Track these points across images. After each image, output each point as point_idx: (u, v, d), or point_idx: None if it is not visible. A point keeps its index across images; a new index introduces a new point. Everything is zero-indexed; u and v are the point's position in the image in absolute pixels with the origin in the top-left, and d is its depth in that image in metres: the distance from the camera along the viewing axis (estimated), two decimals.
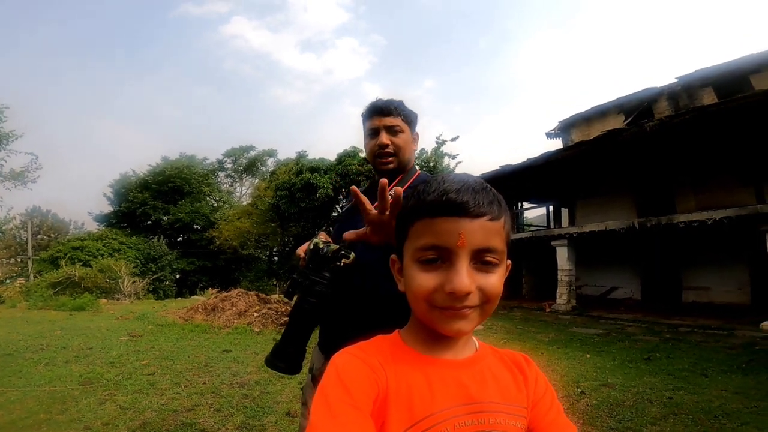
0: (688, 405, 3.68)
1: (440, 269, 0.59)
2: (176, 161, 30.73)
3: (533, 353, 6.03)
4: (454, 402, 0.60)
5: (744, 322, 8.07)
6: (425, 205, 0.61)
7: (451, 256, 0.59)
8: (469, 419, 0.59)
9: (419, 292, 0.60)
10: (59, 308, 10.90)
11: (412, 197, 0.64)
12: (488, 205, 0.60)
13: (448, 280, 0.58)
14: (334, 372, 0.58)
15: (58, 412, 3.52)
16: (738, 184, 9.78)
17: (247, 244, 25.31)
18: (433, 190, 0.61)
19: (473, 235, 0.58)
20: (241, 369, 5.03)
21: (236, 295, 9.37)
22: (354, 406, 0.54)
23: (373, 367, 0.59)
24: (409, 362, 0.63)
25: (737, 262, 10.30)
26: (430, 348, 0.65)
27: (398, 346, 0.66)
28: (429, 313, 0.61)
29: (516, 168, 12.57)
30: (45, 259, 20.55)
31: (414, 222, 0.62)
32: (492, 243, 0.59)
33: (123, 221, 28.25)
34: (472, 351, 0.68)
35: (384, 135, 1.38)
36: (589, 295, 13.28)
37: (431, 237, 0.59)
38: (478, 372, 0.65)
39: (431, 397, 0.59)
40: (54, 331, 7.44)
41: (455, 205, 0.58)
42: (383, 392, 0.58)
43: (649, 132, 9.14)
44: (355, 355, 0.62)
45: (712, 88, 12.27)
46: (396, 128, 1.39)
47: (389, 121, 1.38)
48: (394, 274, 0.71)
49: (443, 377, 0.62)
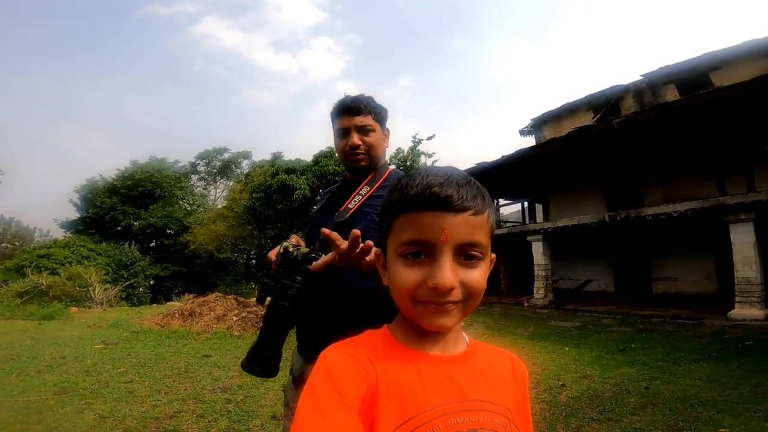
0: (665, 394, 3.81)
1: (424, 264, 0.59)
2: (146, 165, 29.85)
3: (514, 348, 6.14)
4: (446, 399, 0.59)
5: (712, 311, 8.41)
6: (408, 199, 0.60)
7: (435, 250, 0.58)
8: (461, 417, 0.58)
9: (403, 287, 0.60)
10: (27, 317, 10.42)
11: (395, 191, 0.64)
12: (472, 199, 0.60)
13: (431, 275, 0.58)
14: (322, 368, 0.57)
15: (34, 422, 3.40)
16: (701, 178, 10.21)
17: (223, 248, 24.86)
18: (417, 183, 0.60)
19: (457, 230, 0.58)
20: (223, 374, 4.94)
21: (214, 299, 9.18)
22: (342, 404, 0.53)
23: (362, 363, 0.58)
24: (399, 357, 0.62)
25: (703, 252, 10.72)
26: (420, 343, 0.64)
27: (388, 341, 0.65)
28: (412, 308, 0.61)
29: (491, 165, 12.76)
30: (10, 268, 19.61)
31: (397, 216, 0.62)
32: (476, 237, 0.59)
33: (91, 227, 27.27)
34: (463, 347, 0.68)
35: (355, 135, 1.36)
36: (565, 288, 13.59)
37: (414, 231, 0.59)
38: (469, 369, 0.64)
39: (423, 394, 0.58)
40: (24, 340, 7.12)
41: (439, 200, 0.58)
42: (373, 388, 0.57)
43: (617, 128, 9.43)
44: (344, 350, 0.61)
45: (674, 84, 12.69)
46: (367, 127, 1.37)
47: (360, 120, 1.36)
48: (378, 268, 0.71)
49: (434, 373, 0.61)
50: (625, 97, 14.06)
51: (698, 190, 9.88)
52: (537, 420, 3.37)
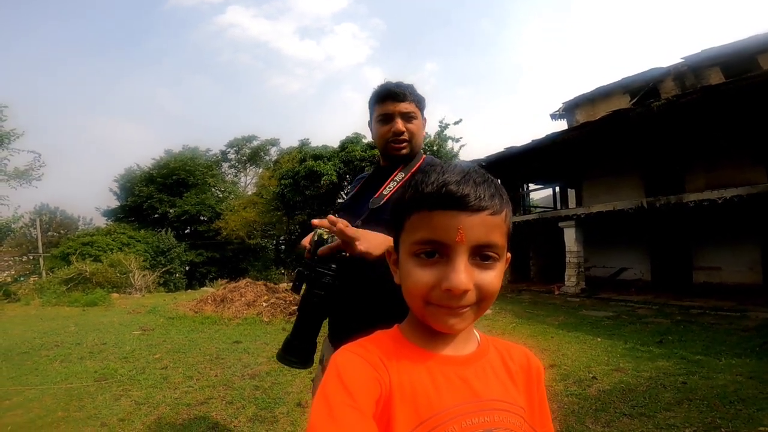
0: (703, 390, 3.64)
1: (437, 265, 0.57)
2: (179, 154, 30.73)
3: (543, 337, 6.03)
4: (459, 400, 0.58)
5: (757, 303, 7.98)
6: (423, 197, 0.58)
7: (449, 251, 0.56)
8: (476, 417, 0.57)
9: (415, 288, 0.58)
10: (72, 304, 11.02)
11: (410, 187, 0.61)
12: (489, 198, 0.57)
13: (445, 277, 0.56)
14: (334, 372, 0.56)
15: (75, 409, 3.56)
16: (748, 163, 9.61)
17: (253, 234, 25.39)
18: (432, 181, 0.58)
19: (473, 231, 0.56)
20: (252, 360, 5.06)
21: (244, 285, 9.42)
22: (355, 408, 0.52)
23: (375, 365, 0.58)
24: (411, 358, 0.61)
25: (748, 241, 10.15)
26: (431, 343, 0.63)
27: (399, 342, 0.64)
28: (424, 309, 0.59)
29: (521, 150, 12.44)
30: (56, 255, 20.70)
31: (411, 214, 0.59)
32: (492, 238, 0.57)
33: (130, 215, 28.40)
34: (474, 345, 0.67)
35: (400, 122, 1.34)
36: (598, 276, 13.20)
37: (428, 231, 0.57)
38: (480, 369, 0.63)
39: (436, 395, 0.57)
40: (68, 327, 7.53)
41: (455, 199, 0.56)
42: (386, 391, 0.56)
43: (656, 112, 8.98)
44: (356, 352, 0.60)
45: (719, 68, 12.03)
46: (411, 114, 1.35)
47: (404, 107, 1.33)
48: (390, 266, 0.69)
49: (446, 374, 0.60)
50: (665, 81, 13.37)
51: (745, 175, 9.31)
52: (565, 413, 3.29)
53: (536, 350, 0.67)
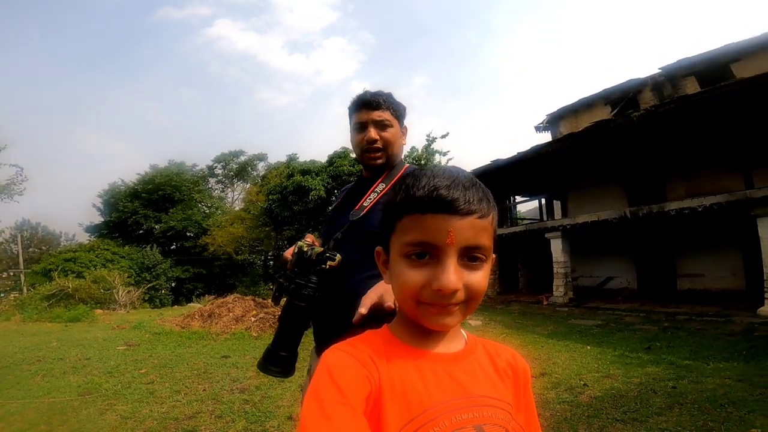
0: (693, 394, 3.68)
1: (428, 265, 0.59)
2: (165, 169, 30.42)
3: (533, 347, 6.04)
4: (449, 396, 0.59)
5: (741, 308, 8.14)
6: (414, 200, 0.60)
7: (439, 253, 0.58)
8: (465, 413, 0.58)
9: (406, 288, 0.60)
10: (54, 320, 10.73)
11: (401, 190, 0.63)
12: (478, 202, 0.60)
13: (435, 277, 0.58)
14: (325, 370, 0.57)
15: (59, 423, 3.47)
16: (726, 171, 9.85)
17: (241, 250, 25.16)
18: (423, 185, 0.60)
19: (462, 233, 0.58)
20: (241, 374, 4.97)
21: (232, 300, 9.28)
22: (347, 405, 0.53)
23: (364, 363, 0.59)
24: (400, 356, 0.62)
25: (730, 247, 10.38)
26: (420, 341, 0.64)
27: (389, 340, 0.65)
28: (415, 309, 0.61)
29: (507, 162, 12.63)
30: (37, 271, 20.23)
31: (402, 216, 0.61)
32: (480, 240, 0.60)
33: (114, 231, 27.94)
34: (461, 344, 0.68)
35: (372, 130, 1.34)
36: (585, 286, 13.34)
37: (419, 233, 0.59)
38: (469, 366, 0.65)
39: (426, 392, 0.59)
40: (50, 342, 7.32)
41: (445, 202, 0.58)
42: (376, 388, 0.57)
43: (636, 122, 9.24)
44: (345, 351, 0.61)
45: (694, 77, 12.42)
46: (385, 122, 1.35)
47: (377, 115, 1.34)
48: (379, 266, 0.70)
49: (436, 371, 0.61)
50: (644, 91, 13.77)
51: (724, 183, 9.55)
52: (558, 421, 3.29)
53: (527, 359, 0.69)
